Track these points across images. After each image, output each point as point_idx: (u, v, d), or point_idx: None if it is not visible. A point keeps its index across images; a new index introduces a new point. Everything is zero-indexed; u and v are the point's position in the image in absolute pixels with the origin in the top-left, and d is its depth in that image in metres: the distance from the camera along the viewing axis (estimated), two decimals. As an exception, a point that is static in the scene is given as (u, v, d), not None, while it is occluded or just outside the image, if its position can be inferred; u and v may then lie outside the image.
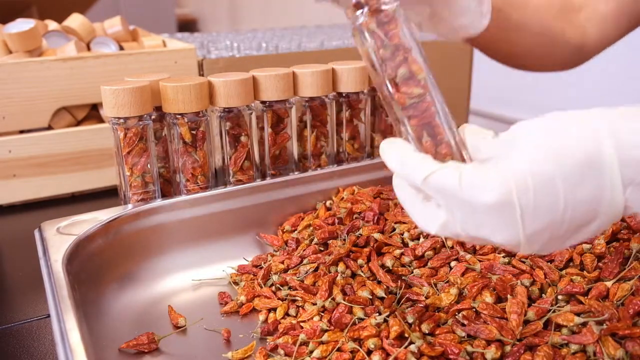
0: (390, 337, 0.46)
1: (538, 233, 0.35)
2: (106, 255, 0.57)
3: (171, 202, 0.62)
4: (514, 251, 0.37)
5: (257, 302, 0.55)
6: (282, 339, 0.49)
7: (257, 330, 0.52)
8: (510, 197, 0.34)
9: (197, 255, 0.62)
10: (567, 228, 0.35)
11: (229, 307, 0.56)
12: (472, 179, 0.35)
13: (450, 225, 0.37)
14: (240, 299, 0.56)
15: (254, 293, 0.56)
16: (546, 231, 0.35)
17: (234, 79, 0.67)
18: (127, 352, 0.50)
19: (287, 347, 0.48)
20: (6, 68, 0.79)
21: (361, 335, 0.47)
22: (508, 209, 0.35)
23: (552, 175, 0.35)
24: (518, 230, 0.35)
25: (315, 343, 0.48)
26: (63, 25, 0.98)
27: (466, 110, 1.16)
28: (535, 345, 0.44)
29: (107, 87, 0.62)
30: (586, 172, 0.34)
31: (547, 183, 0.35)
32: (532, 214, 0.35)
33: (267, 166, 0.73)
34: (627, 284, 0.48)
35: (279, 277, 0.57)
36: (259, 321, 0.53)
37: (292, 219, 0.67)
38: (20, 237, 0.75)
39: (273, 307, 0.54)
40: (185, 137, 0.66)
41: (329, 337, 0.48)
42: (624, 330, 0.43)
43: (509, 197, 0.34)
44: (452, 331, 0.47)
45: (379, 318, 0.48)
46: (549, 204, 0.34)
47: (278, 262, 0.60)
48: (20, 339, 0.55)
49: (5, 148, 0.80)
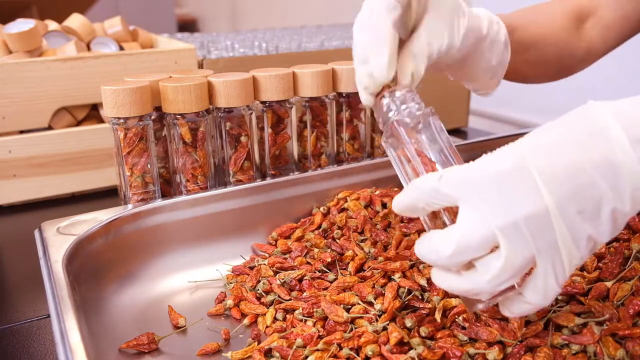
0: (390, 344, 0.45)
1: (565, 198, 0.34)
2: (106, 255, 0.57)
3: (171, 202, 0.62)
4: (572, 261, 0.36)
5: (243, 306, 0.55)
6: (276, 343, 0.48)
7: (247, 332, 0.52)
8: (525, 162, 0.34)
9: (197, 255, 0.62)
10: (593, 199, 0.34)
11: (215, 310, 0.55)
12: (485, 159, 0.36)
13: (474, 220, 0.35)
14: (227, 302, 0.55)
15: (240, 297, 0.56)
16: (572, 198, 0.34)
17: (234, 79, 0.67)
18: (127, 352, 0.50)
19: (283, 350, 0.47)
20: (6, 68, 0.79)
21: (359, 343, 0.46)
22: (524, 173, 0.34)
23: (561, 139, 0.35)
24: (542, 195, 0.34)
25: (312, 351, 0.47)
26: (63, 25, 0.98)
27: (466, 110, 1.16)
28: (536, 346, 0.44)
29: (107, 87, 0.62)
30: (593, 135, 0.35)
31: (558, 145, 0.35)
32: (550, 175, 0.34)
33: (267, 166, 0.73)
34: (627, 284, 0.48)
35: (264, 285, 0.56)
36: (244, 324, 0.53)
37: (283, 227, 0.65)
38: (20, 237, 0.75)
39: (260, 313, 0.54)
40: (185, 137, 0.66)
41: (324, 345, 0.47)
42: (624, 331, 0.43)
43: (522, 162, 0.34)
44: (452, 335, 0.46)
45: (379, 326, 0.48)
46: (564, 165, 0.34)
47: (267, 267, 0.59)
48: (20, 339, 0.55)
49: (5, 148, 0.80)
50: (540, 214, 0.34)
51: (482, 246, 0.35)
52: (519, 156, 0.35)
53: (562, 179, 0.34)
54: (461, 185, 0.36)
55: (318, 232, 0.64)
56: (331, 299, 0.51)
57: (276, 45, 1.04)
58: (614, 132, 0.35)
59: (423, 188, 0.38)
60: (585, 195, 0.34)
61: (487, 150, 0.81)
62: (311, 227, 0.65)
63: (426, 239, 0.39)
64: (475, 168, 0.36)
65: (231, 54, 0.99)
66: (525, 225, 0.34)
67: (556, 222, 0.34)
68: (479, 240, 0.35)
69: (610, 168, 0.34)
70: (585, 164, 0.34)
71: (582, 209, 0.34)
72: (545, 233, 0.34)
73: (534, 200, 0.34)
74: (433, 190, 0.37)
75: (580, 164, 0.34)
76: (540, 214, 0.34)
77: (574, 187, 0.34)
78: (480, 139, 0.79)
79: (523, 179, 0.34)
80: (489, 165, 0.35)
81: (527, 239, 0.34)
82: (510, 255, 0.35)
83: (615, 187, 0.34)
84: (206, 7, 3.98)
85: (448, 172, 0.37)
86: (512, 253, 0.35)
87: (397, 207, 0.40)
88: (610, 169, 0.34)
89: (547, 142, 0.35)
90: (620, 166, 0.34)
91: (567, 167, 0.34)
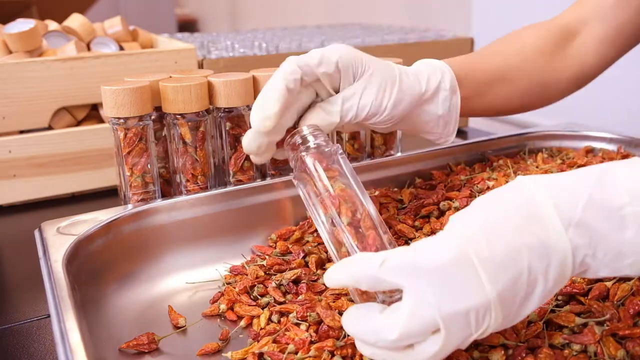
0: None
1: (504, 287, 0.35)
2: (106, 255, 0.57)
3: (171, 202, 0.62)
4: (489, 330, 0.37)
5: (238, 308, 0.54)
6: (267, 347, 0.47)
7: (247, 332, 0.51)
8: (466, 251, 0.35)
9: (197, 255, 0.62)
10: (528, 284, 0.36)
11: (210, 310, 0.55)
12: (426, 246, 0.36)
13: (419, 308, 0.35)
14: (221, 307, 0.55)
15: (233, 300, 0.55)
16: (510, 286, 0.35)
17: (234, 79, 0.67)
18: (127, 352, 0.50)
19: (274, 355, 0.47)
20: (6, 68, 0.79)
21: (353, 351, 0.45)
22: (467, 261, 0.35)
23: (499, 225, 0.36)
24: (484, 287, 0.35)
25: (303, 357, 0.46)
26: (63, 25, 0.98)
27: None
28: (537, 346, 0.44)
29: (107, 87, 0.62)
30: (528, 217, 0.36)
31: (496, 231, 0.36)
32: (490, 263, 0.35)
33: (267, 166, 0.73)
34: (627, 284, 0.48)
35: (258, 288, 0.56)
36: (241, 326, 0.53)
37: (283, 229, 0.65)
38: (20, 237, 0.75)
39: (255, 315, 0.53)
40: (185, 137, 0.66)
41: (315, 352, 0.46)
42: (625, 331, 0.43)
43: (465, 250, 0.35)
44: None
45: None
46: (503, 252, 0.35)
47: (258, 269, 0.58)
48: (20, 339, 0.55)
49: (5, 148, 0.80)
50: (483, 304, 0.35)
51: (424, 333, 0.36)
52: (461, 245, 0.36)
53: (502, 267, 0.35)
54: (405, 274, 0.36)
55: (317, 233, 0.64)
56: (327, 305, 0.51)
57: (276, 45, 1.04)
58: (546, 213, 0.36)
59: (362, 273, 0.37)
60: (522, 280, 0.36)
61: (487, 150, 0.82)
62: (310, 229, 0.65)
63: (362, 316, 0.38)
64: (419, 256, 0.36)
65: (231, 54, 0.99)
66: (468, 315, 0.35)
67: (495, 310, 0.35)
68: (422, 328, 0.36)
69: (544, 250, 0.36)
70: (522, 249, 0.36)
71: (518, 293, 0.36)
72: (485, 320, 0.36)
73: (477, 292, 0.35)
74: (374, 277, 0.37)
75: (517, 250, 0.36)
76: (483, 305, 0.35)
77: (513, 274, 0.35)
78: (480, 139, 0.79)
79: (466, 269, 0.35)
80: (433, 255, 0.36)
81: (467, 326, 0.36)
82: (448, 342, 0.36)
83: (548, 269, 0.36)
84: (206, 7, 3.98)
85: (389, 259, 0.36)
86: (450, 340, 0.36)
87: (330, 283, 0.40)
88: (544, 250, 0.36)
89: (486, 227, 0.36)
90: (552, 248, 0.36)
91: (506, 254, 0.35)
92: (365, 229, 0.47)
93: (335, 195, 0.48)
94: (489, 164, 0.75)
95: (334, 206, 0.48)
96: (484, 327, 0.36)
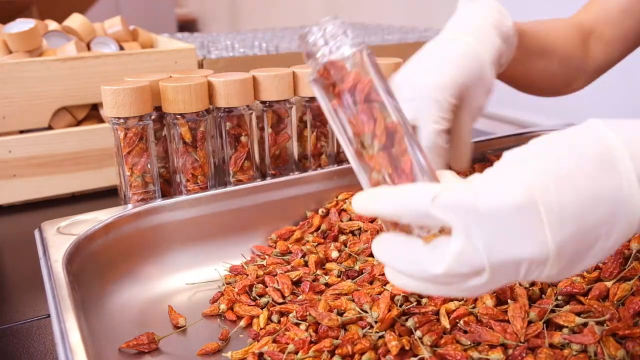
0: (391, 354, 0.44)
1: (566, 242, 0.33)
2: (106, 255, 0.57)
3: (171, 202, 0.62)
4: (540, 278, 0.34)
5: (237, 308, 0.54)
6: (267, 347, 0.47)
7: (247, 332, 0.51)
8: (534, 199, 0.32)
9: (197, 255, 0.62)
10: (590, 239, 0.33)
11: (210, 310, 0.55)
12: (488, 185, 0.33)
13: (468, 252, 0.33)
14: (221, 307, 0.55)
15: (233, 300, 0.55)
16: (573, 240, 0.33)
17: (234, 79, 0.67)
18: (127, 352, 0.50)
19: (274, 355, 0.47)
20: (6, 68, 0.79)
21: (353, 349, 0.45)
22: (532, 209, 0.32)
23: (572, 172, 0.33)
24: (546, 239, 0.32)
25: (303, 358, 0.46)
26: (63, 25, 0.98)
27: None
28: (537, 346, 0.44)
29: (107, 87, 0.62)
30: (603, 168, 0.33)
31: (567, 180, 0.33)
32: (557, 215, 0.32)
33: (267, 166, 0.73)
34: (627, 284, 0.48)
35: (256, 289, 0.56)
36: (241, 326, 0.53)
37: (282, 229, 0.65)
38: (20, 237, 0.75)
39: (255, 315, 0.53)
40: (185, 137, 0.66)
41: (314, 353, 0.46)
42: (624, 331, 0.43)
43: (532, 198, 0.32)
44: (455, 341, 0.46)
45: (374, 335, 0.47)
46: (573, 202, 0.33)
47: (257, 269, 0.59)
48: (20, 339, 0.55)
49: (5, 148, 0.80)
50: (540, 257, 0.33)
51: (469, 274, 0.34)
52: (528, 189, 0.33)
53: (569, 220, 0.33)
54: (460, 214, 0.33)
55: (317, 233, 0.64)
56: (327, 305, 0.50)
57: (276, 45, 1.04)
58: (623, 165, 0.33)
59: (410, 205, 0.34)
60: (586, 235, 0.33)
61: (487, 150, 0.81)
62: (310, 229, 0.65)
63: (401, 245, 0.36)
64: (479, 196, 0.33)
65: (231, 54, 0.99)
66: (519, 265, 0.33)
67: (551, 264, 0.33)
68: (468, 270, 0.33)
69: (614, 206, 0.33)
70: (593, 203, 0.33)
71: (578, 249, 0.33)
72: (536, 271, 0.34)
73: (536, 243, 0.33)
74: (423, 211, 0.34)
75: (588, 204, 0.33)
76: (539, 257, 0.33)
77: (578, 229, 0.33)
78: (480, 138, 0.79)
79: (531, 216, 0.32)
80: (497, 200, 0.33)
81: (515, 275, 0.34)
82: (491, 284, 0.34)
83: (612, 227, 0.33)
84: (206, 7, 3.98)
85: (442, 195, 0.33)
86: (493, 283, 0.34)
87: (364, 211, 0.36)
88: (614, 207, 0.33)
89: (557, 175, 0.33)
90: (622, 204, 0.33)
91: (575, 206, 0.33)
92: (400, 153, 0.40)
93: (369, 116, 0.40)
94: (489, 164, 0.75)
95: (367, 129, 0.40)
96: (533, 277, 0.34)
